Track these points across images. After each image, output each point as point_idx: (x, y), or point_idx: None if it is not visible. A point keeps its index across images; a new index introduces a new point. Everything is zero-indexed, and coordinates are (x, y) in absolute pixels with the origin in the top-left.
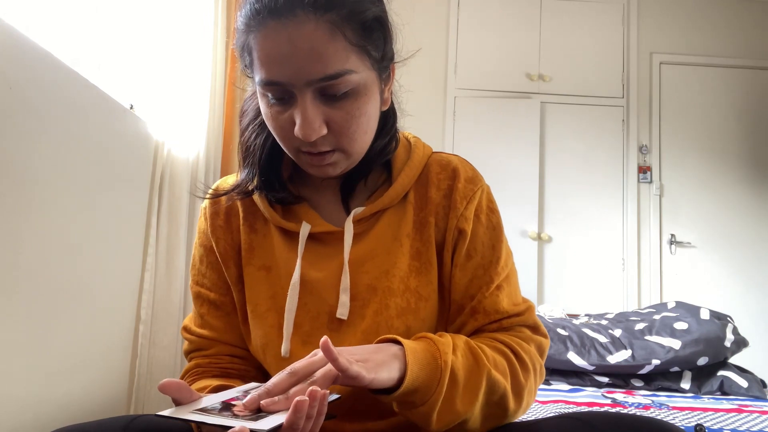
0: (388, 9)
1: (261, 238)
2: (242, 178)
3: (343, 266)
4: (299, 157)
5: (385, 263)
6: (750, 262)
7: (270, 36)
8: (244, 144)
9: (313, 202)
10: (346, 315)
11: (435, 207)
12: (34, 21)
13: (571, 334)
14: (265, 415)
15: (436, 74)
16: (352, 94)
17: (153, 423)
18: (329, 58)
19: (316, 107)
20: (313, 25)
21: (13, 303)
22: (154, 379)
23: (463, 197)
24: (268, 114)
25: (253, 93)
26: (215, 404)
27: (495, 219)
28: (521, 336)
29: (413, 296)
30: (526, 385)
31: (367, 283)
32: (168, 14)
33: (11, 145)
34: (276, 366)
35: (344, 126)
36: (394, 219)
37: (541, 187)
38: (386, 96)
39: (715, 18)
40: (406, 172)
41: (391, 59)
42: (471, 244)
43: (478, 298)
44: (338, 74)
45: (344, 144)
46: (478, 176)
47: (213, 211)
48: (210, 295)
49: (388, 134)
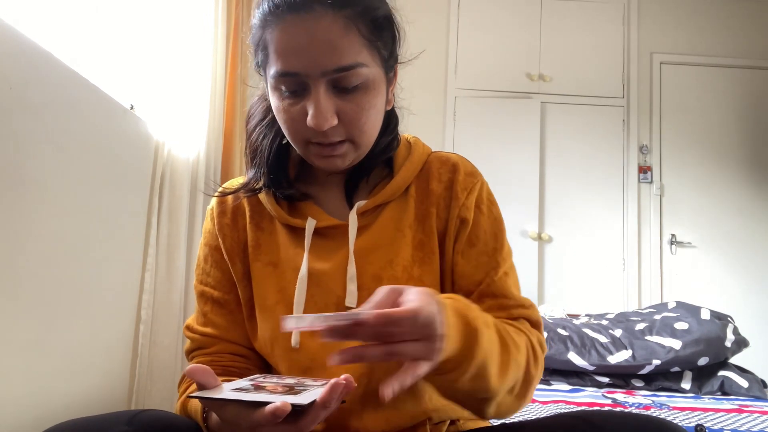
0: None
1: (267, 236)
2: (250, 177)
3: (349, 257)
4: (308, 149)
5: (389, 253)
6: (750, 261)
7: (288, 29)
8: (251, 145)
9: (318, 199)
10: (355, 303)
11: (436, 198)
12: (34, 21)
13: (572, 334)
14: (299, 390)
15: (436, 74)
16: (363, 87)
17: (157, 417)
18: (344, 50)
19: (328, 98)
20: (330, 19)
21: (13, 303)
22: (154, 378)
23: (464, 188)
24: (280, 107)
25: (260, 96)
26: (246, 385)
27: (496, 211)
28: (526, 328)
29: (417, 285)
30: (535, 376)
31: (373, 272)
32: (168, 14)
33: (11, 145)
34: (285, 358)
35: (355, 118)
36: (396, 211)
37: (541, 187)
38: (390, 96)
39: (715, 18)
40: (407, 167)
41: (397, 60)
42: (473, 232)
43: (487, 282)
44: (351, 66)
45: (354, 135)
46: (477, 171)
47: (220, 210)
48: (214, 293)
49: (391, 133)
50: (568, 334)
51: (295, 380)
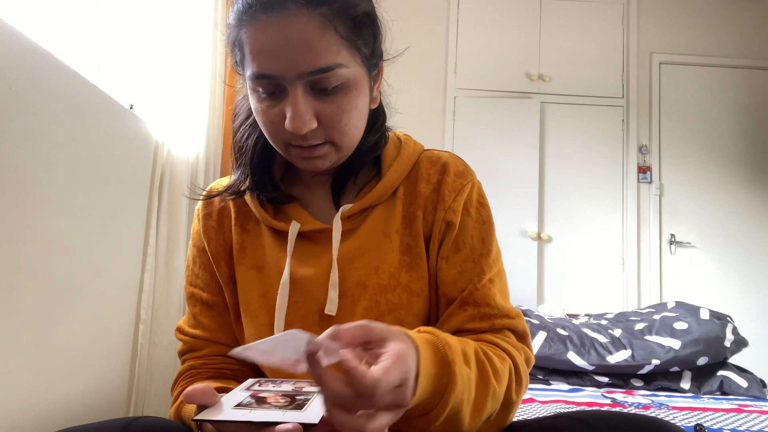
0: (378, 7)
1: (252, 238)
2: (235, 179)
3: (332, 263)
4: (289, 151)
5: (375, 260)
6: (750, 261)
7: (262, 29)
8: (236, 145)
9: (304, 200)
10: (335, 311)
11: (424, 201)
12: (34, 21)
13: (571, 334)
14: (302, 401)
15: (436, 74)
16: (343, 88)
17: (152, 424)
18: (321, 51)
19: (306, 101)
20: (305, 19)
21: (13, 303)
22: (154, 379)
23: (451, 190)
24: (259, 109)
25: (245, 95)
26: (247, 399)
27: (485, 213)
28: (511, 342)
29: (405, 292)
30: (517, 402)
31: (357, 279)
32: (168, 14)
33: (11, 145)
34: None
35: (334, 120)
36: (383, 215)
37: (541, 187)
38: (375, 94)
39: (715, 18)
40: (395, 168)
41: (380, 57)
42: (459, 236)
43: (470, 290)
44: (329, 67)
45: (334, 137)
46: (468, 171)
47: (206, 212)
48: (203, 295)
49: (377, 132)
50: (567, 333)
51: (291, 385)
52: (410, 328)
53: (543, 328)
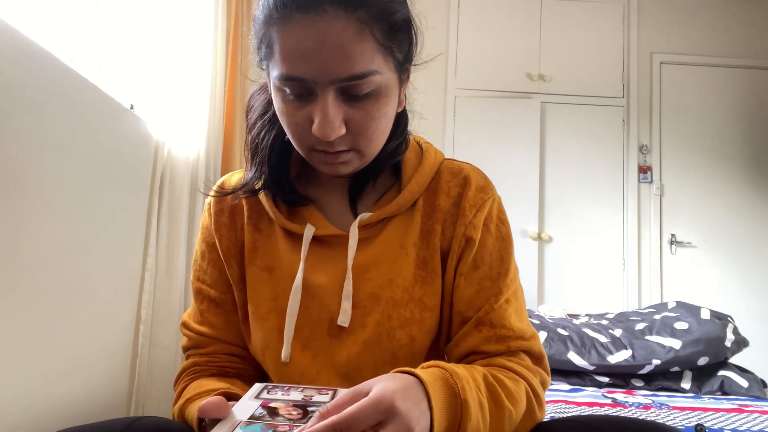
0: (415, 13)
1: (265, 238)
2: (250, 177)
3: (347, 272)
4: (311, 155)
5: (390, 272)
6: (750, 261)
7: (296, 30)
8: (252, 141)
9: (320, 202)
10: (347, 323)
11: (443, 215)
12: (34, 21)
13: (572, 334)
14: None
15: (437, 74)
16: (374, 94)
17: (154, 424)
18: (356, 57)
19: (337, 106)
20: (342, 23)
21: (13, 303)
22: (155, 379)
23: (472, 205)
24: (283, 110)
25: (261, 87)
26: (259, 410)
27: (505, 230)
28: (525, 365)
29: (418, 307)
30: (540, 419)
31: (370, 291)
32: (168, 14)
33: (11, 145)
34: (275, 369)
35: (363, 126)
36: (401, 226)
37: (541, 187)
38: (402, 97)
39: (715, 18)
40: (417, 179)
41: (411, 62)
42: (479, 253)
43: (486, 309)
44: (364, 74)
45: (361, 144)
46: (489, 186)
47: (218, 208)
48: (211, 292)
49: (399, 136)
50: (568, 333)
51: (300, 395)
52: (422, 343)
53: (543, 328)
